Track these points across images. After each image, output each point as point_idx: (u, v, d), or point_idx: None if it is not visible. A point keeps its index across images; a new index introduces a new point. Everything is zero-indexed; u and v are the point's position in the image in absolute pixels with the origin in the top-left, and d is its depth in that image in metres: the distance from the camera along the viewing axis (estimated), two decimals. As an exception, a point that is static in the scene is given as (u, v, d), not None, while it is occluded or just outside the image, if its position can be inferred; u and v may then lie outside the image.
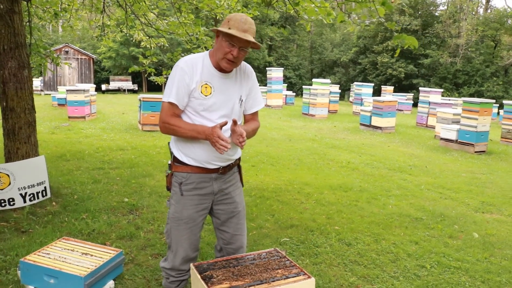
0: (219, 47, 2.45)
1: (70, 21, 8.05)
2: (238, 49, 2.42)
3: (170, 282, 2.76)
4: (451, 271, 3.77)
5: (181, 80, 2.45)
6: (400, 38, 4.31)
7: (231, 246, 2.78)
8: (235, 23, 2.40)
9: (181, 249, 2.68)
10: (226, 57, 2.44)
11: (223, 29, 2.40)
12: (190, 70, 2.46)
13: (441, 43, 31.70)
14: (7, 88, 4.79)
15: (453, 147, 10.95)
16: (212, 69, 2.52)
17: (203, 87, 2.48)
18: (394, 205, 5.67)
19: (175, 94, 2.45)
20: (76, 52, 29.90)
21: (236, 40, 2.39)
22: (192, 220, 2.64)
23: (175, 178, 2.64)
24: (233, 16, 2.44)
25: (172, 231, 2.68)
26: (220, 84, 2.53)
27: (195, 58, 2.52)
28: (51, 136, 10.01)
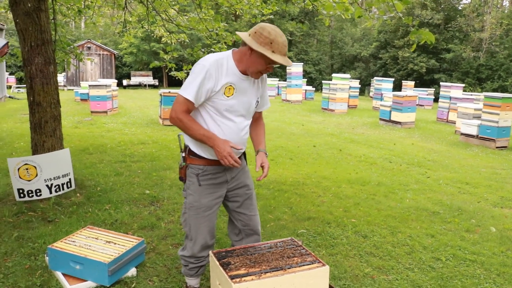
0: (254, 63, 2.50)
1: (93, 17, 8.24)
2: (272, 67, 2.55)
3: (189, 269, 2.88)
4: (466, 264, 3.80)
5: (204, 82, 2.49)
6: (417, 34, 4.34)
7: (250, 227, 2.93)
8: (278, 46, 2.45)
9: (201, 237, 2.80)
10: (260, 71, 2.54)
11: (268, 54, 2.43)
12: (215, 73, 2.50)
13: (464, 37, 31.19)
14: (34, 83, 4.97)
15: (474, 143, 10.85)
16: (235, 70, 2.57)
17: (226, 88, 2.56)
18: (412, 199, 5.70)
19: (195, 93, 2.50)
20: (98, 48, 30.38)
21: (274, 62, 2.47)
22: (209, 208, 2.78)
23: (191, 170, 2.76)
24: (275, 38, 2.44)
25: (191, 220, 2.80)
26: (241, 86, 2.61)
27: (220, 60, 2.54)
28: (75, 130, 10.27)
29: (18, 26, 4.84)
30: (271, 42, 2.44)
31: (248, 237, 2.96)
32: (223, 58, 2.56)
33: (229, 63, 2.56)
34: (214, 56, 2.57)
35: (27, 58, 4.91)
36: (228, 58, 2.58)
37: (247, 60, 2.52)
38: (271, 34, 2.44)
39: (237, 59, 2.57)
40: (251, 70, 2.54)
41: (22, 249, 3.77)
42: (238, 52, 2.58)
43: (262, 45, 2.44)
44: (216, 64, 2.51)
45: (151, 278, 3.37)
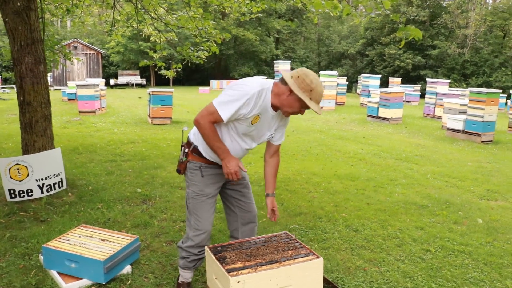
0: (290, 104, 2.61)
1: (81, 16, 8.21)
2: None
3: (190, 261, 2.94)
4: (454, 254, 3.90)
5: (241, 108, 2.58)
6: (404, 30, 4.42)
7: (248, 214, 3.06)
8: (316, 95, 2.58)
9: (207, 222, 2.89)
10: (293, 112, 2.67)
11: (306, 100, 2.56)
12: (253, 103, 2.59)
13: (449, 33, 31.56)
14: (24, 83, 4.96)
15: (460, 137, 11.02)
16: (268, 105, 2.67)
17: (254, 117, 2.67)
18: (400, 193, 5.79)
19: (230, 115, 2.59)
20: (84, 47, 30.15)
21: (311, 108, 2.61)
22: (212, 196, 2.91)
23: (193, 164, 2.88)
24: (315, 87, 2.57)
25: (196, 208, 2.88)
26: (266, 118, 2.73)
27: (262, 91, 2.61)
28: (63, 130, 10.22)
29: (7, 25, 4.82)
30: (311, 90, 2.56)
31: (244, 226, 3.05)
32: (264, 89, 2.63)
33: (267, 96, 2.64)
34: (259, 85, 2.62)
35: (17, 57, 4.90)
36: (268, 90, 2.65)
37: (284, 99, 2.62)
38: (313, 82, 2.56)
39: (275, 94, 2.65)
40: (285, 109, 2.66)
41: (16, 249, 3.78)
42: (277, 87, 2.65)
43: (302, 91, 2.56)
44: (257, 95, 2.59)
45: (146, 275, 3.41)
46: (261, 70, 36.99)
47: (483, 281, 3.44)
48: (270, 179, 3.01)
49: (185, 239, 2.97)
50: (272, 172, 3.01)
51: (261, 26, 35.63)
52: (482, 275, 3.53)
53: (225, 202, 3.12)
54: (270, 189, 3.01)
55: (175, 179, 6.09)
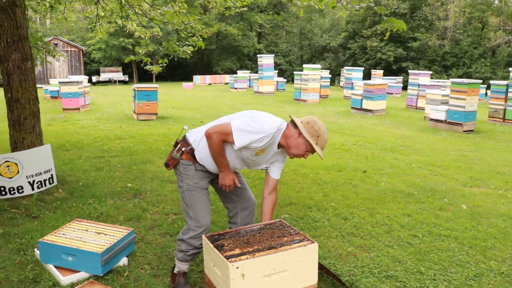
0: (298, 146, 2.81)
1: (65, 13, 8.15)
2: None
3: (188, 255, 2.99)
4: (441, 239, 4.04)
5: (254, 142, 2.74)
6: (389, 22, 4.52)
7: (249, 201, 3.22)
8: (322, 142, 2.81)
9: (205, 213, 2.99)
10: (298, 156, 2.84)
11: (313, 144, 2.77)
12: (266, 141, 2.76)
13: (429, 26, 31.96)
14: (12, 80, 4.94)
15: (443, 127, 11.24)
16: (276, 143, 2.85)
17: (261, 150, 2.85)
18: (387, 182, 5.93)
19: (243, 145, 2.74)
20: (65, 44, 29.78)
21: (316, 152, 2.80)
22: (205, 188, 3.04)
23: (185, 161, 2.99)
24: (322, 134, 2.80)
25: (194, 200, 2.97)
26: (269, 152, 2.90)
27: (277, 133, 2.80)
28: (48, 128, 10.13)
29: (-7, 22, 4.79)
30: (318, 136, 2.78)
31: (243, 211, 3.18)
32: (280, 130, 2.82)
33: (277, 137, 2.83)
34: (278, 125, 2.81)
35: (3, 54, 4.87)
36: (280, 132, 2.82)
37: (293, 141, 2.80)
38: (320, 130, 2.79)
39: (285, 135, 2.83)
40: (291, 151, 2.83)
41: (10, 245, 3.79)
42: (288, 130, 2.83)
43: (310, 135, 2.77)
44: (272, 135, 2.78)
45: (142, 266, 3.46)
46: (244, 64, 36.98)
47: (469, 263, 3.58)
48: (268, 213, 3.13)
49: (186, 231, 3.02)
50: (271, 207, 3.14)
51: (243, 21, 35.61)
52: (467, 258, 3.67)
53: (221, 193, 3.23)
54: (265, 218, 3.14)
55: (165, 173, 6.13)
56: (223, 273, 2.53)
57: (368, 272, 3.39)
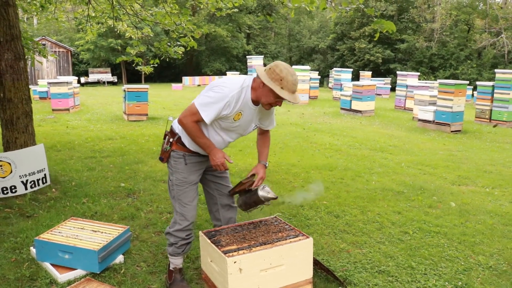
0: (266, 95, 2.72)
1: (55, 13, 8.14)
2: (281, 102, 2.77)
3: (178, 246, 3.04)
4: (431, 235, 4.13)
5: (222, 110, 2.72)
6: (379, 23, 4.62)
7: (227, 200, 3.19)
8: (287, 84, 2.65)
9: (191, 207, 3.02)
10: (271, 104, 2.77)
11: (276, 90, 2.64)
12: (233, 103, 2.72)
13: (416, 28, 32.32)
14: (4, 80, 4.95)
15: (431, 128, 11.40)
16: (249, 101, 2.80)
17: (236, 114, 2.80)
18: (377, 181, 6.02)
19: (212, 118, 2.73)
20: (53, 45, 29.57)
21: (283, 98, 2.69)
22: (195, 183, 3.06)
23: (176, 153, 2.99)
24: (285, 76, 2.65)
25: (180, 194, 3.00)
26: (248, 113, 2.85)
27: (241, 91, 2.74)
28: (38, 129, 10.04)
29: (-15, 21, 4.79)
30: (281, 79, 2.64)
31: (223, 208, 3.18)
32: (242, 89, 2.75)
33: (246, 94, 2.77)
34: (239, 85, 2.75)
35: (-4, 54, 4.87)
36: (248, 87, 2.77)
37: (260, 91, 2.74)
38: (283, 72, 2.64)
39: (253, 89, 2.78)
40: (262, 101, 2.78)
41: (5, 244, 3.80)
42: (254, 82, 2.78)
43: (273, 81, 2.65)
44: (236, 96, 2.72)
45: (138, 264, 3.50)
46: (233, 66, 37.03)
47: (458, 258, 3.67)
48: (262, 150, 3.16)
49: (172, 224, 3.08)
50: (264, 145, 3.16)
51: (232, 22, 35.67)
52: (457, 253, 3.77)
53: (204, 187, 3.25)
54: (262, 157, 3.16)
55: (157, 173, 6.16)
56: (220, 268, 2.58)
57: (361, 267, 3.46)
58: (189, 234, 3.04)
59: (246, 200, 3.05)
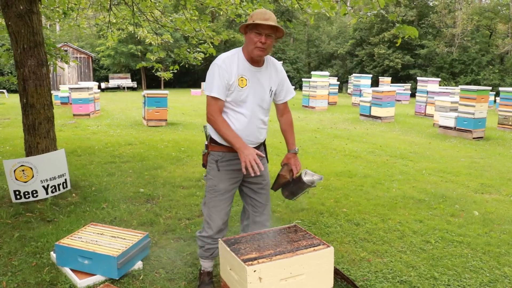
0: (249, 40, 2.76)
1: (77, 20, 8.26)
2: (265, 36, 2.73)
3: (205, 250, 3.08)
4: (454, 245, 4.04)
5: (221, 77, 2.76)
6: (401, 29, 4.56)
7: (260, 217, 3.13)
8: (257, 15, 2.74)
9: (218, 218, 3.01)
10: (256, 46, 2.74)
11: (249, 22, 2.73)
12: (228, 67, 2.77)
13: (437, 33, 31.92)
14: (27, 85, 5.02)
15: (452, 134, 11.22)
16: (246, 63, 2.83)
17: (239, 80, 2.80)
18: (398, 189, 5.93)
19: (217, 88, 2.76)
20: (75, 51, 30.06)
21: (261, 28, 2.71)
22: (227, 191, 3.00)
23: (212, 156, 2.98)
24: (255, 11, 2.80)
25: (209, 202, 3.01)
26: (253, 77, 2.85)
27: (231, 56, 2.82)
28: (60, 134, 10.18)
29: (10, 28, 4.88)
30: (252, 16, 2.77)
31: (254, 224, 3.12)
32: (233, 54, 2.84)
33: (239, 57, 2.82)
34: (225, 54, 2.84)
35: (19, 60, 4.96)
36: (239, 53, 2.85)
37: (246, 44, 2.81)
38: (253, 12, 2.81)
39: (243, 48, 2.84)
40: (250, 49, 2.78)
41: (26, 248, 3.84)
42: (244, 45, 2.86)
43: (246, 23, 2.77)
44: (227, 60, 2.79)
45: (157, 270, 3.49)
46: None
47: (483, 269, 3.58)
48: (288, 136, 3.15)
49: (202, 229, 3.11)
50: (287, 129, 3.14)
51: (251, 28, 35.73)
52: (481, 263, 3.67)
53: (241, 198, 3.23)
54: (289, 146, 3.15)
55: (176, 178, 6.17)
56: (240, 277, 2.55)
57: (382, 277, 3.40)
58: (214, 240, 3.05)
59: (293, 191, 3.08)
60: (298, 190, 3.08)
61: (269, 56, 2.98)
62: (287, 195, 3.15)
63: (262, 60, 2.89)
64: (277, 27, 2.74)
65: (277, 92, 3.03)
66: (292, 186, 3.09)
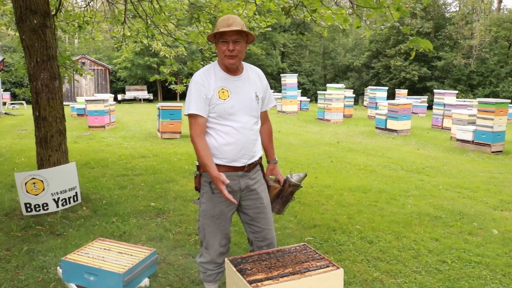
0: (218, 50, 2.71)
1: (92, 33, 8.34)
2: (232, 43, 2.64)
3: (207, 275, 2.96)
4: (471, 266, 3.88)
5: (198, 91, 2.68)
6: (415, 42, 4.46)
7: (263, 242, 2.98)
8: (220, 22, 2.69)
9: (216, 243, 2.89)
10: (225, 54, 2.67)
11: (213, 32, 2.68)
12: (204, 81, 2.69)
13: (454, 44, 31.60)
14: (40, 98, 5.04)
15: (470, 148, 10.99)
16: (223, 74, 2.76)
17: (220, 92, 2.71)
18: (413, 205, 5.78)
19: (195, 105, 2.69)
20: (92, 63, 30.47)
21: (226, 35, 2.64)
22: (223, 215, 2.87)
23: (205, 178, 2.85)
24: (219, 19, 2.72)
25: (205, 228, 2.89)
26: (235, 86, 2.76)
27: (207, 70, 2.77)
28: (74, 145, 10.29)
29: (24, 42, 4.91)
30: (216, 25, 2.71)
31: (259, 249, 2.98)
32: (209, 68, 2.78)
33: (216, 70, 2.76)
34: (201, 69, 2.80)
35: (33, 73, 4.98)
36: (215, 66, 2.79)
37: (218, 54, 2.76)
38: (218, 20, 2.74)
39: (219, 61, 2.79)
40: (221, 58, 2.73)
41: (34, 262, 3.82)
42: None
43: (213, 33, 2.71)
44: (203, 74, 2.73)
45: (164, 287, 3.42)
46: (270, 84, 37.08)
47: (502, 292, 3.43)
48: (267, 146, 3.07)
49: (200, 255, 3.01)
50: (267, 139, 3.07)
51: (266, 40, 35.87)
52: (501, 286, 3.52)
53: (242, 223, 3.09)
54: (269, 157, 3.08)
55: (188, 192, 6.12)
56: (246, 298, 2.46)
57: (396, 299, 3.28)
58: (216, 265, 2.95)
59: (284, 200, 3.06)
60: (289, 196, 3.05)
61: (247, 64, 2.92)
62: (278, 209, 3.08)
63: (240, 68, 2.82)
64: (243, 31, 2.66)
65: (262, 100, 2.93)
66: (281, 197, 3.04)
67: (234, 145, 2.74)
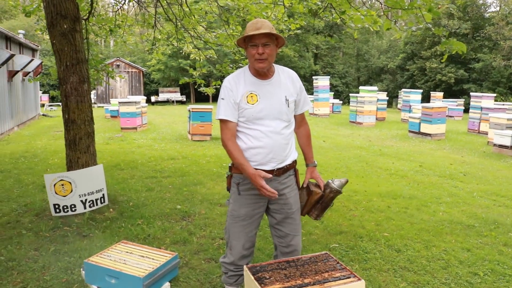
0: (248, 55, 2.68)
1: (124, 36, 8.46)
2: (261, 46, 2.62)
3: (228, 276, 2.95)
4: (506, 279, 3.69)
5: (228, 97, 2.70)
6: (447, 44, 4.30)
7: (287, 248, 2.95)
8: (248, 27, 2.68)
9: (239, 245, 2.88)
10: (255, 58, 2.64)
11: (242, 36, 2.67)
12: (234, 86, 2.70)
13: (493, 46, 30.60)
14: (69, 102, 5.13)
15: (508, 154, 10.57)
16: (253, 78, 2.74)
17: (248, 97, 2.70)
18: (445, 212, 5.58)
19: (224, 110, 2.71)
20: (126, 65, 31.06)
21: (255, 39, 2.61)
22: (248, 217, 2.85)
23: (234, 179, 2.87)
24: (248, 23, 2.72)
25: (230, 228, 2.90)
26: (265, 90, 2.74)
27: (237, 75, 2.76)
28: (106, 147, 10.48)
29: (54, 46, 5.01)
30: (245, 29, 2.70)
31: (283, 256, 2.95)
32: (240, 72, 2.77)
33: (246, 74, 2.75)
34: (231, 74, 2.80)
35: (62, 77, 5.07)
36: (245, 70, 2.77)
37: (248, 58, 2.73)
38: (247, 25, 2.71)
39: (250, 66, 2.77)
40: (251, 62, 2.70)
41: (59, 263, 3.86)
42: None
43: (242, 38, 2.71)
44: (233, 80, 2.73)
45: (184, 292, 3.40)
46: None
47: (538, 308, 3.24)
48: (305, 149, 3.03)
49: (225, 255, 3.01)
50: (305, 142, 3.02)
51: (299, 42, 35.71)
52: (536, 302, 3.33)
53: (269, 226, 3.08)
54: (307, 160, 3.02)
55: (214, 195, 6.11)
56: (263, 308, 2.40)
57: (422, 312, 3.14)
58: (237, 267, 2.92)
59: (324, 206, 3.02)
60: (329, 202, 3.00)
61: (280, 66, 2.87)
62: (317, 214, 3.03)
63: (270, 72, 2.78)
64: (273, 34, 2.63)
65: (295, 103, 2.89)
66: (321, 203, 2.99)
67: (262, 149, 2.74)
